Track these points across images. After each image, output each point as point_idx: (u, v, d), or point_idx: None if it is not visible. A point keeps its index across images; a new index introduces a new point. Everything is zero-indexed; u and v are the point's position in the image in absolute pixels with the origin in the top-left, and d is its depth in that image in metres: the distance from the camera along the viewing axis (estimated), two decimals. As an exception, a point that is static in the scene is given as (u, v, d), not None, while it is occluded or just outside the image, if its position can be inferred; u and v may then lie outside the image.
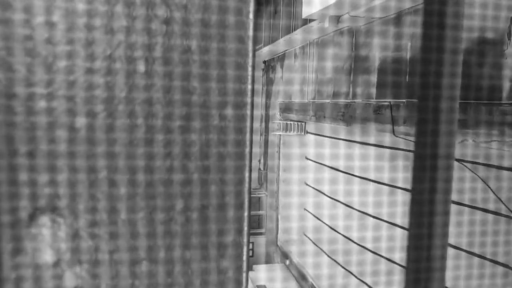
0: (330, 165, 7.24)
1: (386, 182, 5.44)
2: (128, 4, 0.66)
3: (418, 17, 4.22)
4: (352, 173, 6.36)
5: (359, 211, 6.16)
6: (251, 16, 0.69)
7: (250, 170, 0.74)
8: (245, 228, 0.74)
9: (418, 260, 0.68)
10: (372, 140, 5.72)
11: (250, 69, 0.69)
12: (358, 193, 6.19)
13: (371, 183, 5.79)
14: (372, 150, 5.78)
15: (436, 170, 0.61)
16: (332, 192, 7.18)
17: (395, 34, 4.64)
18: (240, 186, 0.72)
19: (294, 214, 9.10)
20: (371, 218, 5.81)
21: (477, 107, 3.38)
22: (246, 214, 0.74)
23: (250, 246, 10.17)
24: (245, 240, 0.75)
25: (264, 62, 10.51)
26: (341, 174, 6.72)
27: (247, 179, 0.73)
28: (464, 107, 3.52)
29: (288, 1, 7.59)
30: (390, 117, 4.52)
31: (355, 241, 6.34)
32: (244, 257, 0.76)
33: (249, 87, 0.69)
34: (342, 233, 6.80)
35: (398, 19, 4.58)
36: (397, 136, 4.49)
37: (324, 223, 7.61)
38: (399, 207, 5.16)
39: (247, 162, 0.72)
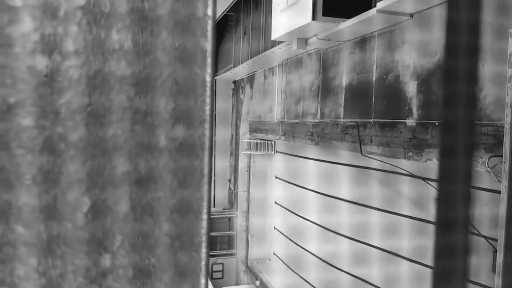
0: (299, 184, 7.30)
1: (353, 200, 5.52)
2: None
3: (383, 40, 4.39)
4: (320, 191, 6.43)
5: (328, 229, 6.21)
6: (209, 12, 0.54)
7: (209, 213, 0.55)
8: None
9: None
10: (339, 158, 5.82)
11: (208, 78, 0.55)
12: (328, 211, 6.25)
13: (340, 201, 5.87)
14: (339, 168, 5.88)
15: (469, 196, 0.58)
16: (301, 210, 7.22)
17: (361, 56, 4.80)
18: (195, 230, 0.52)
19: (264, 234, 9.07)
20: (341, 237, 5.86)
21: (440, 127, 3.51)
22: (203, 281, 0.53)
23: (220, 268, 10.02)
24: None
25: (234, 82, 10.60)
26: (310, 192, 6.78)
27: (204, 221, 0.53)
28: (426, 127, 3.66)
29: (258, 23, 7.74)
30: (358, 136, 4.63)
31: (325, 259, 6.37)
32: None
33: (207, 100, 0.55)
34: (311, 251, 6.82)
35: (364, 42, 4.75)
36: (364, 155, 4.59)
37: (293, 242, 7.62)
38: (370, 225, 5.24)
39: (204, 203, 0.53)
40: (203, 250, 0.55)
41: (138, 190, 0.51)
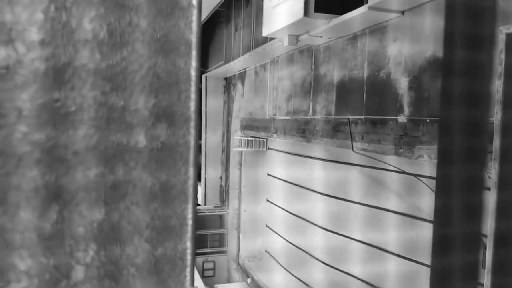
0: (291, 181, 7.28)
1: (345, 197, 5.52)
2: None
3: (375, 37, 4.37)
4: (312, 188, 6.42)
5: (320, 227, 6.20)
6: (194, 2, 0.48)
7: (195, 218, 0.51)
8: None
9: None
10: (331, 156, 5.81)
11: (193, 72, 0.49)
12: (319, 209, 6.24)
13: (332, 198, 5.86)
14: (331, 166, 5.87)
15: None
16: (293, 208, 7.21)
17: (352, 53, 4.78)
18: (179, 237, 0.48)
19: (256, 231, 9.05)
20: (333, 234, 5.86)
21: (431, 124, 3.51)
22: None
23: (212, 266, 9.98)
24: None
25: (225, 79, 10.53)
26: (302, 189, 6.76)
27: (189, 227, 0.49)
28: (417, 124, 3.65)
29: (249, 19, 7.68)
30: (349, 133, 4.61)
31: (317, 257, 6.37)
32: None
33: (193, 96, 0.49)
34: (303, 249, 6.81)
35: (355, 39, 4.72)
36: (355, 152, 4.58)
37: (285, 239, 7.61)
38: (361, 222, 5.24)
39: (189, 206, 0.50)
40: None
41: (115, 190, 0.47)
